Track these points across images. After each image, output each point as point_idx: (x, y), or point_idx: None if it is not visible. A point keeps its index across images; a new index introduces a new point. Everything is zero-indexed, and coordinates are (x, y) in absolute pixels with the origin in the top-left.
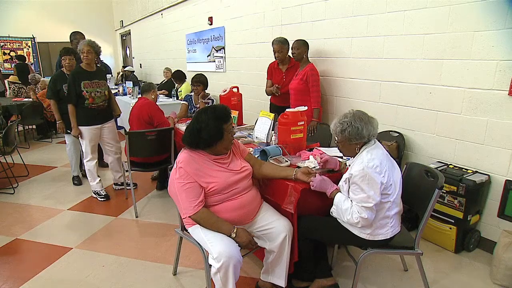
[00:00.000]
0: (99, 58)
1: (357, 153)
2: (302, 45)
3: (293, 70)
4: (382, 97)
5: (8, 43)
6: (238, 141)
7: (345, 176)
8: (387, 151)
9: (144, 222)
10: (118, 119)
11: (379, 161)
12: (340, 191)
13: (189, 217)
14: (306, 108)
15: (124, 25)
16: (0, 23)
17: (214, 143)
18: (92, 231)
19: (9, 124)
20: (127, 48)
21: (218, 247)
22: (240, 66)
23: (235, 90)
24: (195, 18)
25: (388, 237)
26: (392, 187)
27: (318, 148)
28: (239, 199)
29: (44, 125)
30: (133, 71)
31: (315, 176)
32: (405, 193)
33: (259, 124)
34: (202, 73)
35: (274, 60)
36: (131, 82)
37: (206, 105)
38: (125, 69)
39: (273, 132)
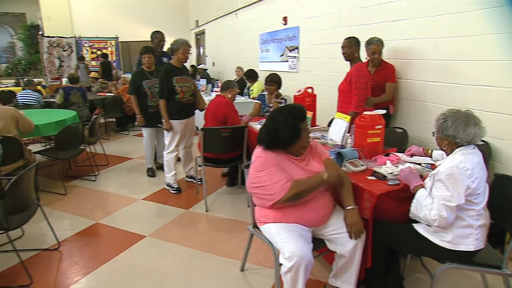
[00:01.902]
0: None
1: (447, 152)
2: (354, 43)
3: (383, 74)
4: (466, 102)
5: (96, 43)
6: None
7: (431, 172)
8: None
9: (214, 217)
10: None
11: (471, 165)
12: (424, 188)
13: (281, 199)
14: (385, 111)
15: (199, 25)
16: (90, 25)
17: (292, 142)
18: (164, 222)
19: (93, 117)
20: (201, 47)
21: (291, 247)
22: (314, 66)
23: (309, 90)
24: (269, 18)
25: (471, 250)
26: (479, 197)
27: (395, 153)
28: (313, 201)
29: (123, 119)
30: (206, 69)
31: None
32: (492, 207)
33: (334, 126)
34: (276, 72)
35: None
36: (205, 79)
37: (279, 104)
38: (199, 67)
39: (348, 134)
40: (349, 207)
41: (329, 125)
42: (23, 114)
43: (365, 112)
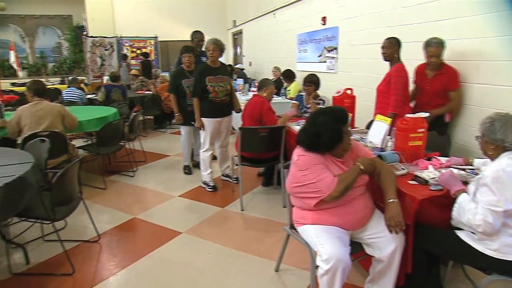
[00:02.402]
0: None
1: (492, 157)
2: (394, 43)
3: (443, 78)
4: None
5: (136, 42)
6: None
7: (475, 177)
8: None
9: (249, 216)
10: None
11: None
12: (467, 193)
13: (329, 196)
14: (428, 114)
15: (236, 25)
16: (131, 25)
17: (334, 146)
18: (200, 219)
19: (133, 114)
20: (238, 47)
21: (329, 249)
22: (353, 67)
23: (349, 92)
24: (308, 18)
25: None
26: None
27: (437, 157)
28: (352, 203)
29: (161, 116)
30: (243, 69)
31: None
32: None
33: (374, 128)
34: (315, 73)
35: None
36: (242, 79)
37: (317, 105)
38: (236, 66)
39: (389, 137)
40: (390, 200)
41: (367, 127)
42: (68, 111)
43: (407, 115)
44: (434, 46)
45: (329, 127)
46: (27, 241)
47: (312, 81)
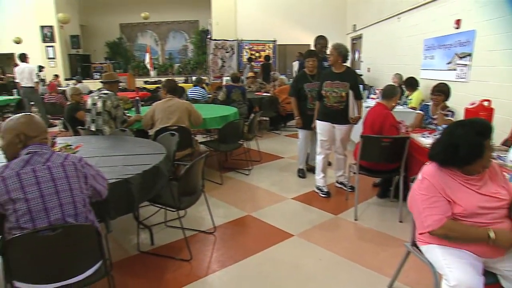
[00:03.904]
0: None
1: None
2: None
3: None
4: None
5: (255, 46)
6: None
7: None
8: None
9: (363, 227)
10: None
11: None
12: None
13: (432, 232)
14: None
15: (356, 29)
16: (251, 29)
17: (472, 161)
18: (312, 224)
19: (252, 115)
20: (356, 52)
21: (458, 275)
22: (489, 76)
23: (485, 103)
24: (438, 21)
25: None
26: None
27: None
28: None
29: (276, 118)
30: (361, 75)
31: None
32: None
33: None
34: (445, 82)
35: None
36: (361, 85)
37: (445, 117)
38: None
39: None
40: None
41: (504, 143)
42: (195, 108)
43: None
44: None
45: (468, 140)
46: (152, 224)
47: (442, 90)
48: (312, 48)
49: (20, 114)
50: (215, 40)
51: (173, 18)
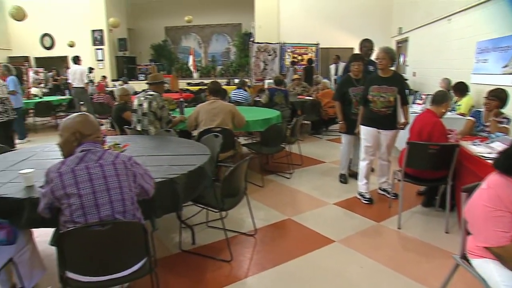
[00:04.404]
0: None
1: None
2: None
3: None
4: None
5: (297, 49)
6: None
7: None
8: None
9: (406, 236)
10: None
11: None
12: None
13: (490, 248)
14: None
15: (402, 32)
16: (294, 32)
17: None
18: (354, 230)
19: (295, 118)
20: (402, 56)
21: None
22: None
23: None
24: (493, 22)
25: None
26: None
27: None
28: None
29: (318, 122)
30: (407, 80)
31: None
32: None
33: None
34: (503, 88)
35: None
36: (407, 90)
37: (498, 124)
38: None
39: None
40: None
41: None
42: (238, 110)
43: None
44: None
45: None
46: (194, 223)
47: (498, 96)
48: (357, 51)
49: (76, 114)
50: (257, 43)
51: (216, 21)
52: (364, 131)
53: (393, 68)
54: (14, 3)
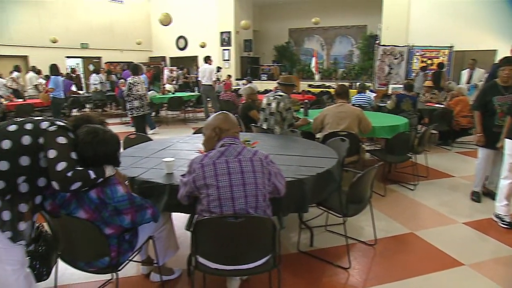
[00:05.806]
0: None
1: None
2: None
3: None
4: None
5: (427, 52)
6: None
7: None
8: None
9: None
10: None
11: None
12: None
13: None
14: None
15: None
16: (424, 34)
17: None
18: (489, 256)
19: (424, 128)
20: None
21: None
22: None
23: None
24: None
25: None
26: None
27: None
28: None
29: (447, 132)
30: None
31: None
32: None
33: None
34: None
35: None
36: None
37: None
38: None
39: None
40: None
41: None
42: (366, 116)
43: None
44: None
45: None
46: (313, 225)
47: None
48: (508, 54)
49: (218, 113)
50: (383, 45)
51: (341, 23)
52: (511, 145)
53: None
54: (161, 10)
